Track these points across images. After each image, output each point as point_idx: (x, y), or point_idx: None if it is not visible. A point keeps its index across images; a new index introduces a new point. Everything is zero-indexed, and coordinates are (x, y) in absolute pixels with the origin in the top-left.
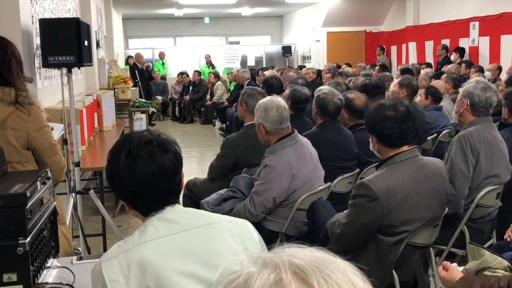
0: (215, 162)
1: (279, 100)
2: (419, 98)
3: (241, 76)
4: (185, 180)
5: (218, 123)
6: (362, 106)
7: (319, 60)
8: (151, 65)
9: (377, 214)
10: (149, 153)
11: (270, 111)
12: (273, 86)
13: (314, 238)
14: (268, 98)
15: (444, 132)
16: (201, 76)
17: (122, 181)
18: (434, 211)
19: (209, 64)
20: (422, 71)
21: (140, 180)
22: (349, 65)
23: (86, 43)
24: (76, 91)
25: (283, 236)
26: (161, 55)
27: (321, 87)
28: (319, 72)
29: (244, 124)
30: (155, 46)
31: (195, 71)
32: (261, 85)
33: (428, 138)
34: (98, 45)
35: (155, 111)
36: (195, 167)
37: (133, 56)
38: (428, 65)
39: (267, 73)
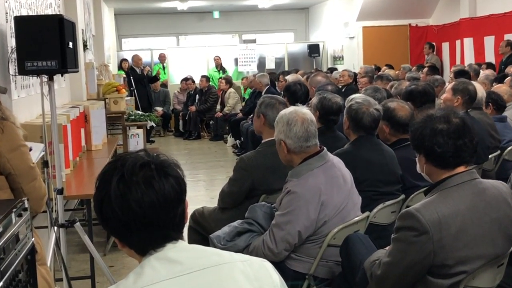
0: (227, 187)
1: (304, 112)
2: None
3: (258, 81)
4: (190, 210)
5: (230, 140)
6: (407, 117)
7: (353, 61)
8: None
9: (426, 251)
10: (146, 178)
11: (293, 125)
12: (297, 94)
13: (349, 281)
14: (291, 108)
15: (509, 148)
16: (210, 83)
17: (114, 212)
18: (498, 247)
19: (220, 67)
20: (481, 73)
21: (135, 211)
22: (390, 66)
23: (71, 44)
24: (59, 103)
25: (311, 278)
26: (162, 58)
27: (353, 96)
28: (354, 76)
29: (262, 141)
30: (154, 47)
31: (203, 76)
32: (282, 92)
33: (490, 156)
34: (85, 46)
35: (154, 125)
36: (202, 193)
37: (128, 59)
38: (489, 65)
39: (290, 77)
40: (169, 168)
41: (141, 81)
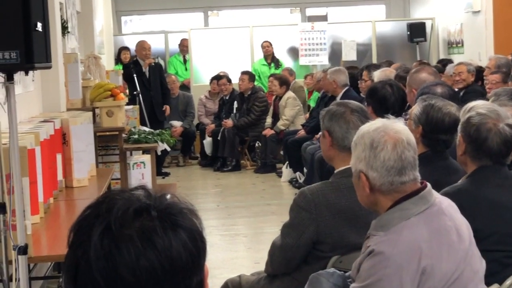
0: (280, 239)
1: (398, 128)
2: None
3: (331, 80)
4: (221, 279)
5: (287, 171)
6: None
7: (478, 49)
8: (161, 63)
9: None
10: (144, 231)
11: (380, 149)
12: (387, 100)
13: None
14: (377, 123)
15: None
16: (256, 83)
17: (94, 282)
18: None
19: (271, 59)
20: None
21: (125, 282)
22: None
23: (40, 26)
24: (23, 115)
25: None
26: (182, 46)
27: (473, 104)
28: (478, 73)
29: (335, 171)
30: (171, 29)
31: (244, 73)
32: (365, 97)
33: None
34: (65, 29)
35: (169, 149)
36: (242, 255)
37: (130, 47)
38: None
39: (378, 74)
40: (180, 216)
41: (148, 80)
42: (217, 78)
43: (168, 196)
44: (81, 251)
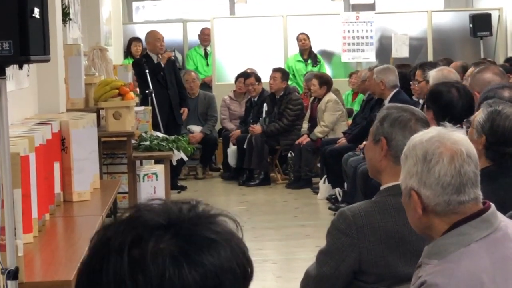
0: (315, 268)
1: (455, 138)
2: None
3: (378, 81)
4: None
5: (325, 186)
6: None
7: None
8: (179, 57)
9: None
10: (176, 257)
11: (434, 162)
12: (453, 106)
13: None
14: (431, 131)
15: None
16: (290, 82)
17: None
18: None
19: (308, 54)
20: None
21: None
22: None
23: (37, 13)
24: (15, 116)
25: None
26: (204, 37)
27: None
28: None
29: (382, 187)
30: (190, 17)
31: (276, 70)
32: (424, 102)
33: None
34: (66, 16)
35: (186, 158)
36: (271, 284)
37: (141, 39)
38: None
39: (434, 74)
40: (218, 238)
41: (162, 77)
42: (244, 76)
43: (201, 206)
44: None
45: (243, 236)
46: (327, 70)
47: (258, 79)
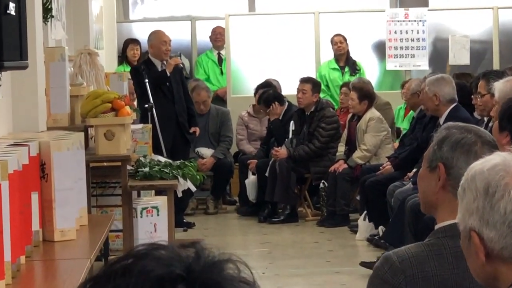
0: None
1: None
2: None
3: (432, 95)
4: None
5: (365, 224)
6: None
7: None
8: (186, 64)
9: None
10: None
11: (499, 196)
12: None
13: None
14: (494, 158)
15: None
16: (321, 95)
17: None
18: None
19: (345, 61)
20: None
21: None
22: None
23: (12, 8)
24: None
25: None
26: (216, 37)
27: None
28: None
29: (437, 225)
30: (200, 14)
31: (305, 81)
32: (485, 119)
33: None
34: (48, 12)
35: (194, 188)
36: None
37: (139, 41)
38: None
39: (500, 86)
40: None
41: (168, 88)
42: (266, 86)
43: (209, 255)
44: None
45: (262, 286)
46: (372, 79)
47: (282, 101)
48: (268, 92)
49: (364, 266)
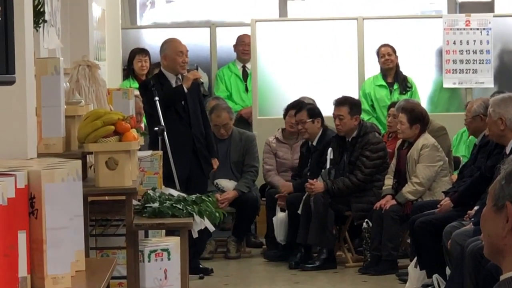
0: None
1: None
2: None
3: (497, 118)
4: None
5: (416, 272)
6: None
7: None
8: (204, 79)
9: None
10: None
11: None
12: None
13: None
14: None
15: None
16: (366, 117)
17: None
18: None
19: (394, 76)
20: None
21: None
22: None
23: None
24: None
25: None
26: (241, 48)
27: None
28: None
29: (502, 276)
30: (221, 20)
31: (340, 103)
32: None
33: None
34: (40, 16)
35: (212, 228)
36: None
37: (148, 51)
38: None
39: None
40: None
41: (185, 108)
42: (297, 107)
43: None
44: None
45: None
46: (422, 100)
47: (313, 115)
48: (314, 105)
49: None
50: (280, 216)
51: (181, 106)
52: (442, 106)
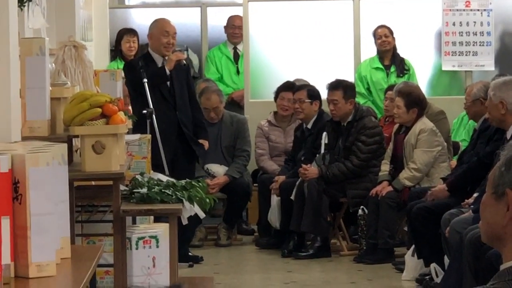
0: None
1: None
2: None
3: (497, 102)
4: None
5: (413, 261)
6: None
7: None
8: (194, 61)
9: None
10: None
11: None
12: None
13: None
14: None
15: None
16: (361, 100)
17: None
18: None
19: (391, 59)
20: None
21: None
22: None
23: None
24: None
25: None
26: (232, 30)
27: None
28: None
29: (502, 266)
30: (212, 0)
31: (334, 87)
32: None
33: None
34: None
35: (203, 214)
36: None
37: (136, 32)
38: None
39: None
40: None
41: (170, 91)
42: (291, 88)
43: None
44: None
45: None
46: (421, 83)
47: (312, 96)
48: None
49: None
50: (274, 202)
51: (166, 88)
52: (441, 89)
